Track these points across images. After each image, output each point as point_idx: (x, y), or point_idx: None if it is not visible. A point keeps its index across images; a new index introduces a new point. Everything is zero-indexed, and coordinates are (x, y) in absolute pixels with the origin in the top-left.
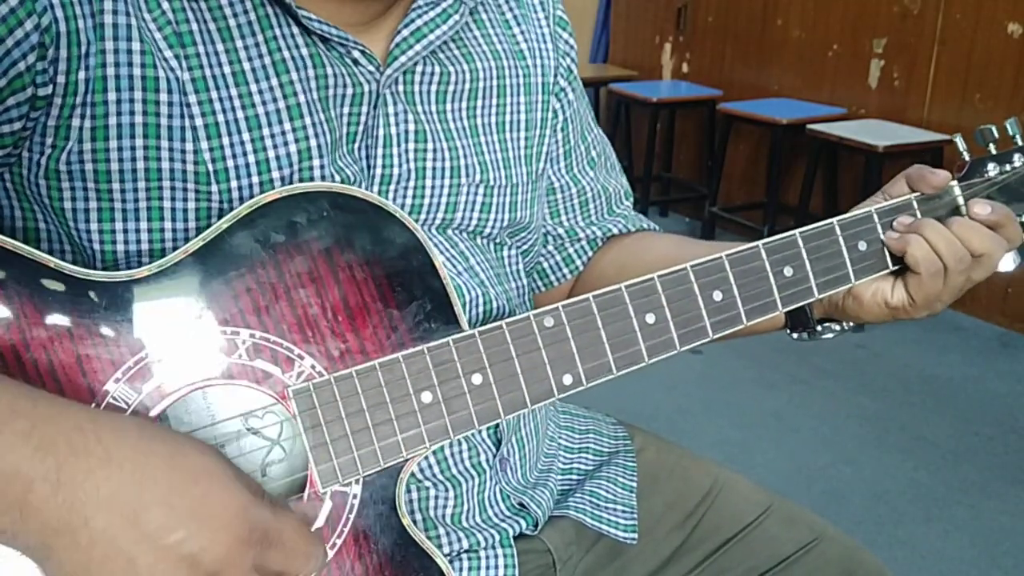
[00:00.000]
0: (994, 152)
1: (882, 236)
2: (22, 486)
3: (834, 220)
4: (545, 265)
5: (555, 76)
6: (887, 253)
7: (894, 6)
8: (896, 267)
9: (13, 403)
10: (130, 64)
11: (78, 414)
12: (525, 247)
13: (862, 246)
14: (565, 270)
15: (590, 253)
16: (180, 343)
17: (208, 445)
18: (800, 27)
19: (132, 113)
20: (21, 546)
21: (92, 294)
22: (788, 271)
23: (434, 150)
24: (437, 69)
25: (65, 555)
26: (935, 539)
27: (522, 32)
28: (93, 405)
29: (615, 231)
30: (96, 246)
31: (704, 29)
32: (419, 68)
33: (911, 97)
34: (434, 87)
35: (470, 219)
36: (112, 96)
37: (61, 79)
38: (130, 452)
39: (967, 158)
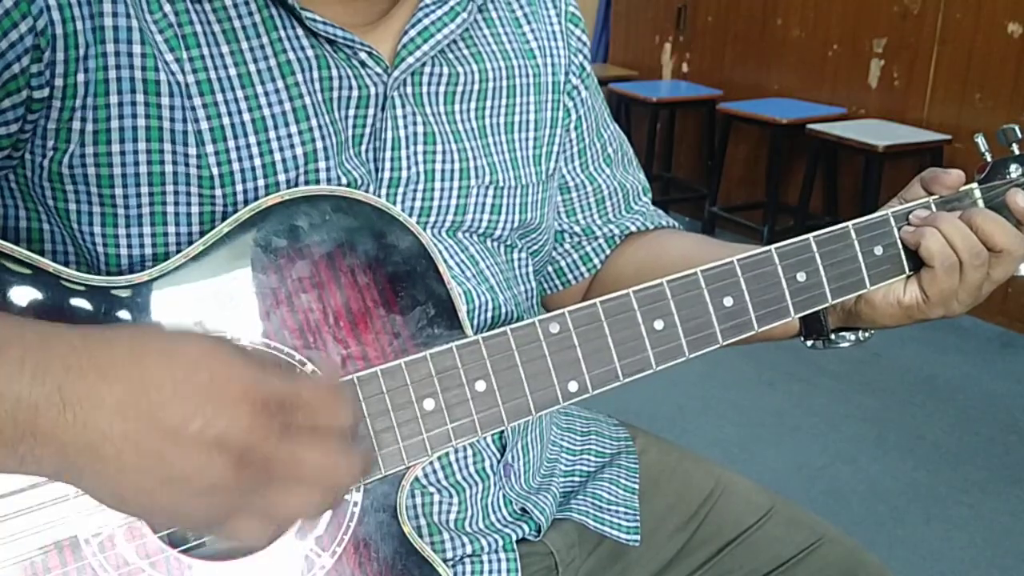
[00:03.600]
0: (1017, 152)
1: (898, 238)
2: (28, 412)
3: (849, 224)
4: (562, 263)
5: (566, 74)
6: (904, 257)
7: (894, 6)
8: (912, 272)
9: (1, 333)
10: (131, 67)
11: (68, 334)
12: (535, 247)
13: (878, 250)
14: (583, 268)
15: (608, 251)
16: None
17: (206, 334)
18: (800, 27)
19: (134, 116)
20: (49, 472)
21: (92, 299)
22: (801, 276)
23: (443, 152)
24: (445, 70)
25: (96, 469)
26: (935, 539)
27: (532, 30)
28: None
29: (633, 229)
30: (100, 249)
31: (704, 29)
32: (427, 69)
33: (911, 97)
34: (442, 88)
35: (480, 221)
36: (114, 99)
37: (59, 82)
38: (125, 362)
39: (988, 159)
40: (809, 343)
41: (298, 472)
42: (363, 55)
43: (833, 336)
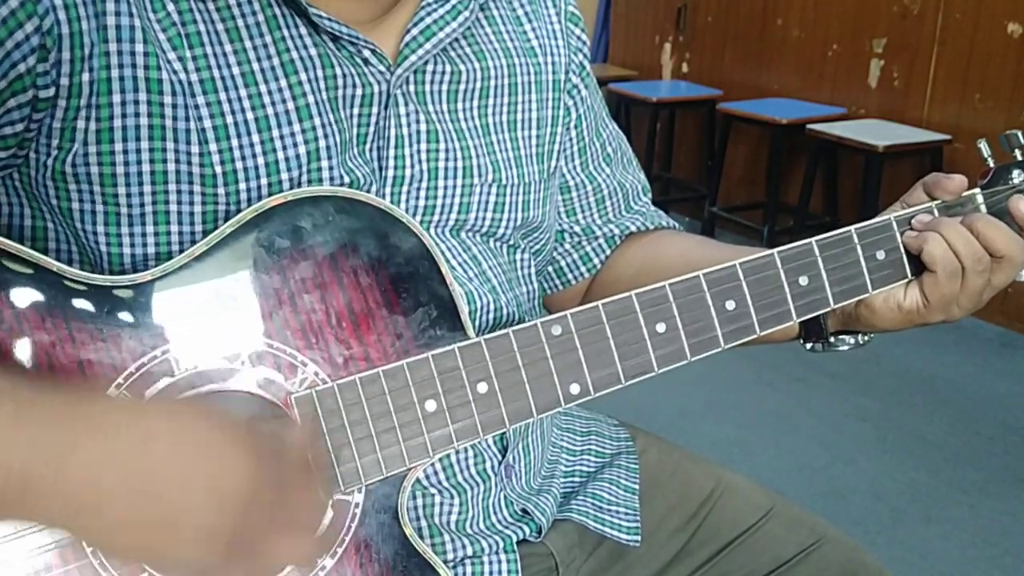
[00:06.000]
0: (1020, 158)
1: (901, 243)
2: (20, 479)
3: (851, 228)
4: (562, 263)
5: (567, 73)
6: (906, 262)
7: (894, 6)
8: (914, 277)
9: (14, 395)
10: (134, 66)
11: (71, 403)
12: (538, 247)
13: (880, 255)
14: (582, 268)
15: (608, 251)
16: (183, 349)
17: (202, 410)
18: (800, 27)
19: (137, 115)
20: (47, 521)
21: (95, 299)
22: (803, 280)
23: (446, 150)
24: (448, 68)
25: (89, 517)
26: (935, 539)
27: (533, 28)
28: None
29: (633, 229)
30: (103, 249)
31: (704, 29)
32: (429, 67)
33: (911, 97)
34: (445, 86)
35: (483, 220)
36: (116, 98)
37: (64, 81)
38: (125, 431)
39: (991, 164)
40: (808, 346)
41: (289, 520)
42: (367, 53)
43: (832, 339)
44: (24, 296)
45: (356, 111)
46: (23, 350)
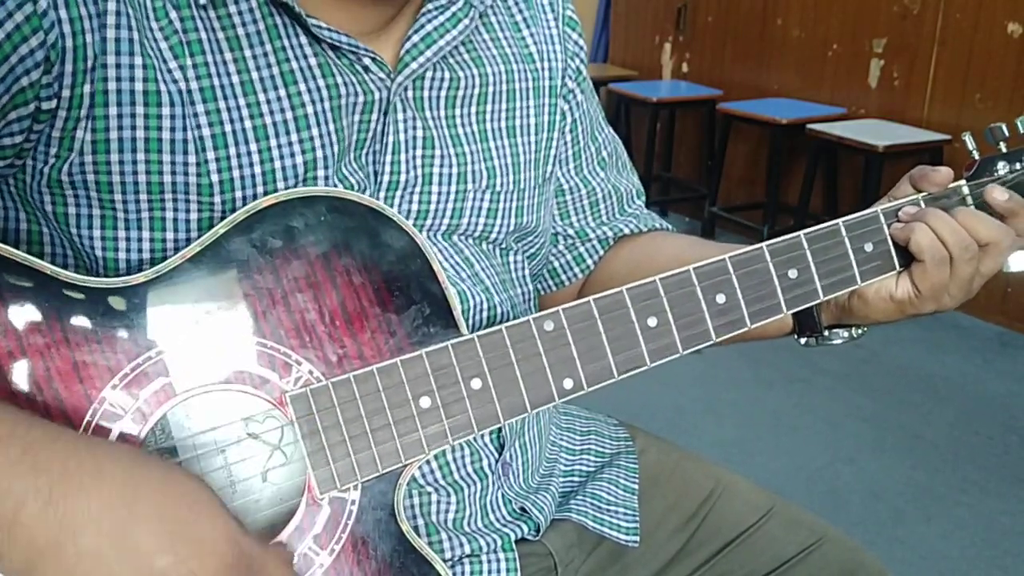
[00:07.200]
0: (1004, 150)
1: (888, 235)
2: (14, 504)
3: (839, 221)
4: (556, 264)
5: (563, 78)
6: (894, 254)
7: (894, 6)
8: (903, 268)
9: (12, 428)
10: (131, 79)
11: (74, 439)
12: (532, 251)
13: (868, 247)
14: (576, 269)
15: (601, 252)
16: (177, 349)
17: (197, 476)
18: (800, 27)
19: (133, 128)
20: (5, 567)
21: (90, 301)
22: (793, 273)
23: (441, 156)
24: (447, 75)
25: (50, 570)
26: (935, 539)
27: (531, 34)
28: (90, 411)
29: (626, 231)
30: (98, 253)
31: (704, 29)
32: (429, 74)
33: (911, 97)
34: (444, 93)
35: (476, 225)
36: (113, 111)
37: (66, 92)
38: (122, 471)
39: (976, 157)
40: (803, 340)
41: None
42: (367, 60)
43: (826, 333)
44: (19, 299)
45: (356, 118)
46: (18, 353)
